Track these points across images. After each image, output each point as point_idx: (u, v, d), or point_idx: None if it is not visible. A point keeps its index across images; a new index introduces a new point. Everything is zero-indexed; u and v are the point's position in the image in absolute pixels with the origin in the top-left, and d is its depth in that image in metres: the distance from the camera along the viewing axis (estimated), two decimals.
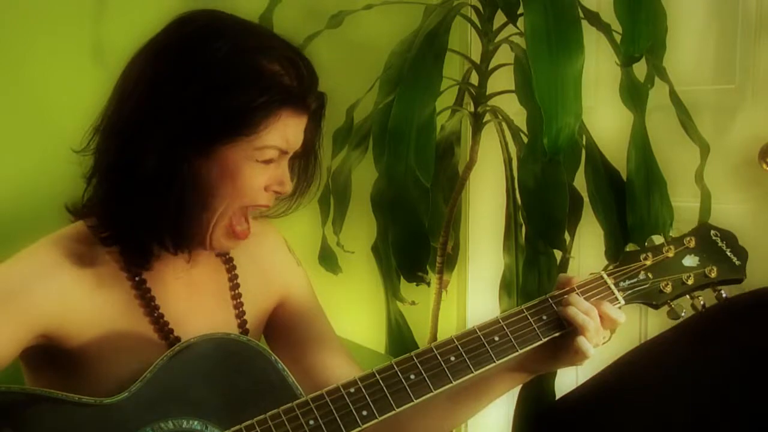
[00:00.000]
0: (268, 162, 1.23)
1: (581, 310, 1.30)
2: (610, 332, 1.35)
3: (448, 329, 2.58)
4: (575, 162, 1.97)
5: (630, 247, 1.43)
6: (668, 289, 1.37)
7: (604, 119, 2.16)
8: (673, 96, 1.91)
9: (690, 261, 1.40)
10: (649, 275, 1.38)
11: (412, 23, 2.05)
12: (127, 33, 1.30)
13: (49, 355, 1.21)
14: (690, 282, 1.39)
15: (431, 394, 1.23)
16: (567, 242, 1.99)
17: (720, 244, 1.43)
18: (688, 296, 1.40)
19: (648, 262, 1.39)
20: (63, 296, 1.19)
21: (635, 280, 1.38)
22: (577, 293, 1.33)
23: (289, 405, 1.18)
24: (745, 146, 2.09)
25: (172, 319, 1.28)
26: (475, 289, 2.68)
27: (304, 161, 1.35)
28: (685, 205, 1.97)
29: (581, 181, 2.00)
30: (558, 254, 2.02)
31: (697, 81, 2.17)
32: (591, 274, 1.40)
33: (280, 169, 1.26)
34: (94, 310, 1.22)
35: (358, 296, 2.45)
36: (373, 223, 2.08)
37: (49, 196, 1.31)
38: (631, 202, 1.94)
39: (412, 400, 1.22)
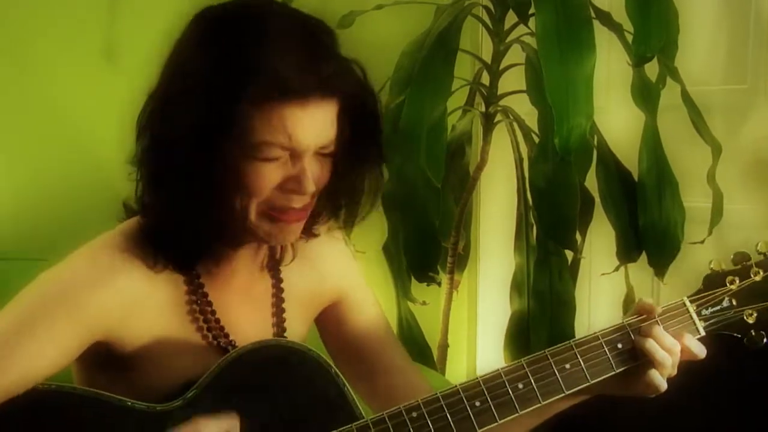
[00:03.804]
0: (271, 160, 1.11)
1: (664, 346, 1.22)
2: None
3: (458, 329, 2.58)
4: (586, 162, 1.97)
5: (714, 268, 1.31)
6: (752, 319, 1.27)
7: (615, 119, 2.15)
8: (685, 96, 1.91)
9: None
10: (734, 302, 1.28)
11: (423, 23, 2.05)
12: (141, 34, 1.30)
13: (100, 357, 1.18)
14: None
15: (495, 424, 1.18)
16: (578, 242, 1.99)
17: None
18: None
19: (734, 287, 1.28)
20: (122, 300, 1.16)
21: (718, 308, 1.27)
22: (658, 324, 1.25)
23: (348, 427, 1.15)
24: (758, 146, 2.08)
25: (227, 325, 1.24)
26: (486, 289, 2.68)
27: (346, 162, 1.18)
28: (696, 206, 1.97)
29: (592, 182, 1.99)
30: (569, 254, 2.02)
31: (709, 81, 2.16)
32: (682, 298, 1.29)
33: (299, 167, 1.13)
34: (151, 313, 1.18)
35: None
36: (384, 223, 2.08)
37: (67, 197, 1.30)
38: (642, 203, 1.94)
39: (476, 430, 1.18)
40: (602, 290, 2.28)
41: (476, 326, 2.71)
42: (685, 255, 1.93)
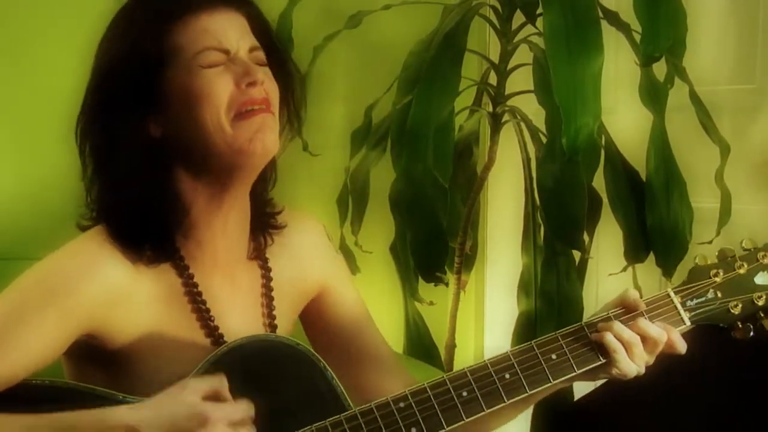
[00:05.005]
0: (214, 65, 1.19)
1: (622, 339, 1.25)
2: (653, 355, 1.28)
3: (466, 330, 2.58)
4: (594, 162, 1.96)
5: (702, 259, 1.34)
6: (737, 310, 1.30)
7: (623, 119, 2.15)
8: (693, 96, 1.90)
9: (762, 279, 1.32)
10: (718, 294, 1.31)
11: (431, 23, 2.05)
12: None
13: (90, 351, 1.20)
14: (761, 302, 1.30)
15: (483, 413, 1.21)
16: (585, 243, 1.99)
17: None
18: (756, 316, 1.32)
19: (718, 279, 1.31)
20: (109, 291, 1.17)
21: (703, 299, 1.30)
22: (644, 316, 1.28)
23: (337, 418, 1.16)
24: (766, 147, 2.07)
25: (216, 316, 1.26)
26: (494, 290, 2.68)
27: (275, 67, 1.27)
28: (704, 206, 1.96)
29: (600, 182, 1.99)
30: (577, 255, 2.01)
31: (717, 81, 2.15)
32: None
33: (240, 63, 1.20)
34: (139, 306, 1.20)
35: (376, 296, 2.44)
36: (392, 223, 2.08)
37: (67, 198, 1.31)
38: (650, 203, 1.93)
39: (463, 419, 1.19)
40: (610, 290, 2.25)
41: (483, 326, 2.71)
42: (693, 255, 1.92)
